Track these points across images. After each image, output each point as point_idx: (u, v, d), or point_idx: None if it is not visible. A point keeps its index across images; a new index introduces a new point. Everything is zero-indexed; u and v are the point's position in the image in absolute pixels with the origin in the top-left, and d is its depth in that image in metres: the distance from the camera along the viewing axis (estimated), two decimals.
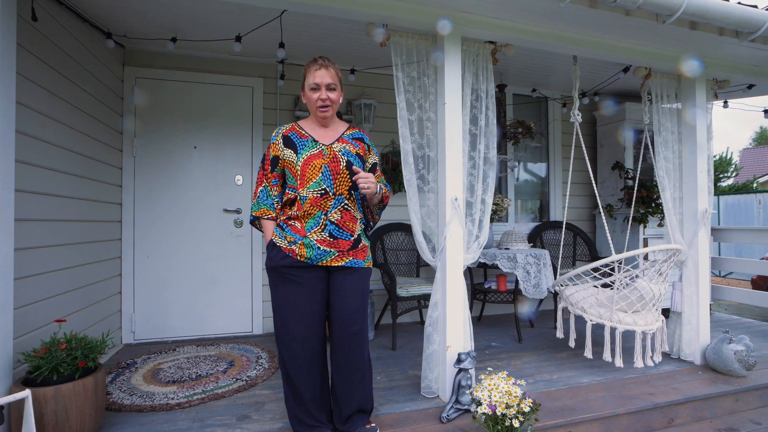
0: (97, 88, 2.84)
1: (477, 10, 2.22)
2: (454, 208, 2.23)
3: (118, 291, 3.19)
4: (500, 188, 4.36)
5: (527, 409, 1.68)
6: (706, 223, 2.82)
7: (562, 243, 3.01)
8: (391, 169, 3.82)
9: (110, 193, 3.08)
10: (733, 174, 16.71)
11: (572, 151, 2.79)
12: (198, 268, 3.39)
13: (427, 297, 3.20)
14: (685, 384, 2.50)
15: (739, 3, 2.28)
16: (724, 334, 2.67)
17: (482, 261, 3.31)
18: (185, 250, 3.36)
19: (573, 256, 4.19)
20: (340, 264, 1.77)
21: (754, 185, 14.37)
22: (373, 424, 1.84)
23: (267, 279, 3.51)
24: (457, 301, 2.24)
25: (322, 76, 1.77)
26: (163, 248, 3.32)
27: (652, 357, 2.63)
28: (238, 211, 3.47)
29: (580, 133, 2.71)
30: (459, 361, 2.11)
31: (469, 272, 3.79)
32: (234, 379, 2.50)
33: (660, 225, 4.01)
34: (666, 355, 2.93)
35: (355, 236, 1.82)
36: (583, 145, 2.70)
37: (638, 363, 2.54)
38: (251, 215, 1.89)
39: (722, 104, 4.12)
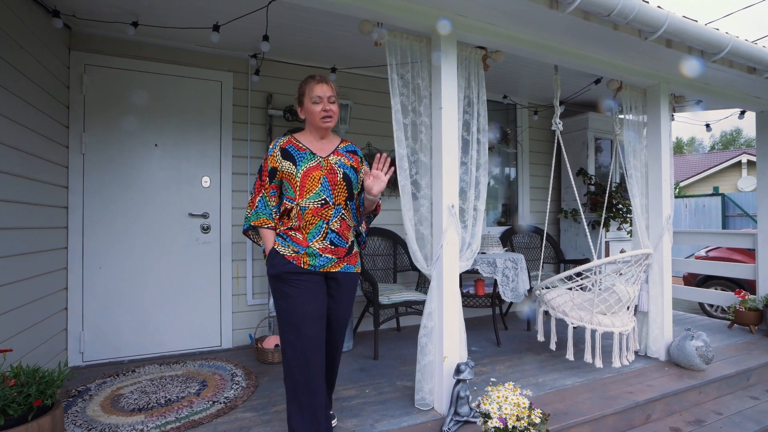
0: (39, 74, 2.46)
1: (472, 14, 2.20)
2: (451, 215, 2.19)
3: (63, 307, 2.79)
4: None
5: (537, 420, 1.66)
6: (669, 228, 3.03)
7: (543, 246, 3.08)
8: None
9: (54, 195, 2.69)
10: None
11: (553, 158, 2.87)
12: (159, 278, 3.06)
13: (407, 304, 3.14)
14: (656, 381, 2.65)
15: (706, 25, 2.46)
16: (687, 332, 2.88)
17: None
18: (145, 259, 3.02)
19: (541, 259, 4.34)
20: (337, 270, 1.85)
21: (676, 190, 15.99)
22: (331, 411, 2.04)
23: (236, 288, 3.31)
24: (453, 311, 2.20)
25: (323, 90, 1.83)
26: (119, 257, 2.96)
27: (626, 356, 2.77)
28: (204, 216, 3.19)
29: (561, 141, 2.78)
30: (458, 371, 2.06)
31: None
32: (210, 402, 2.27)
33: (619, 229, 4.27)
34: (635, 353, 3.10)
35: (350, 243, 1.90)
36: (564, 152, 2.78)
37: (616, 363, 2.66)
38: (247, 225, 1.90)
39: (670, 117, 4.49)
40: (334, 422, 2.00)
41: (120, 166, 2.98)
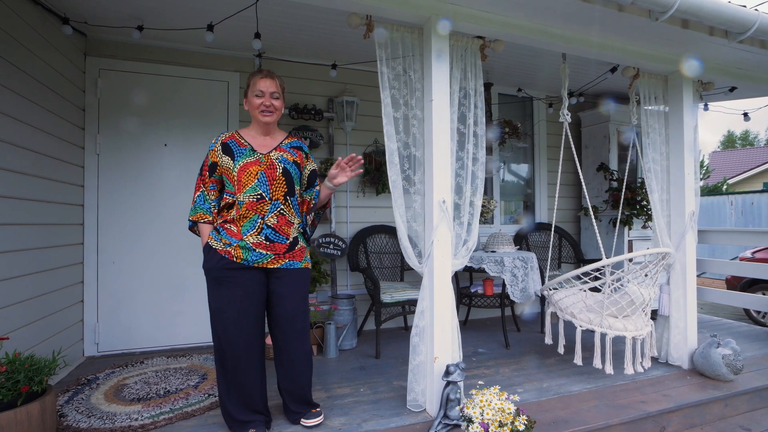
0: (55, 80, 2.60)
1: (466, 2, 2.11)
2: (442, 211, 2.11)
3: (79, 300, 2.94)
4: (486, 190, 4.29)
5: (522, 428, 1.57)
6: (693, 226, 2.79)
7: (551, 245, 2.92)
8: (374, 170, 3.68)
9: (70, 194, 2.83)
10: (705, 176, 17.27)
11: (561, 152, 2.72)
12: (169, 273, 3.17)
13: (412, 302, 3.08)
14: (675, 390, 2.45)
15: (730, 2, 2.24)
16: (712, 338, 2.64)
17: (469, 265, 3.21)
18: (155, 254, 3.14)
19: (558, 258, 4.15)
20: (277, 266, 1.83)
21: (724, 187, 14.86)
22: (318, 408, 1.99)
23: None
24: (444, 310, 2.12)
25: (266, 85, 1.85)
26: (131, 252, 3.08)
27: (641, 363, 2.58)
28: None
29: (569, 134, 2.63)
30: (447, 373, 1.99)
31: (455, 276, 3.68)
32: (206, 395, 2.31)
33: (644, 227, 4.00)
34: (654, 360, 2.89)
35: (291, 239, 1.89)
36: (573, 146, 2.62)
37: (629, 369, 2.48)
38: (189, 221, 1.92)
39: (703, 107, 4.14)
40: (320, 419, 1.97)
41: (132, 166, 3.10)
